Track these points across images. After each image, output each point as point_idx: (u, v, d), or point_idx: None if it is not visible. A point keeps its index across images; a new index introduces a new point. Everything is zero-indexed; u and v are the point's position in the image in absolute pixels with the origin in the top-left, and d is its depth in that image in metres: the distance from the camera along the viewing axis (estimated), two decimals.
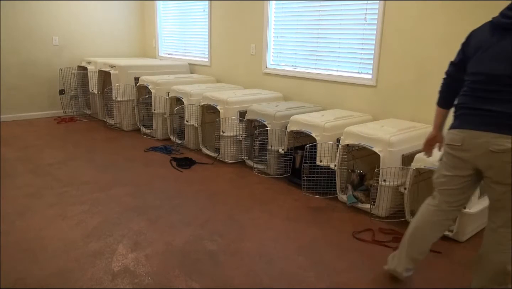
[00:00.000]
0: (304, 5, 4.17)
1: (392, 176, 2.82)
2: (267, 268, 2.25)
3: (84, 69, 5.58)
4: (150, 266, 2.23)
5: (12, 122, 5.36)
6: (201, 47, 5.61)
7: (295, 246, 2.50)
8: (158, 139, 4.76)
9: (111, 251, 2.36)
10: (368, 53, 3.71)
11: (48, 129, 5.06)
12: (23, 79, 5.44)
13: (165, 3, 6.11)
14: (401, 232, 2.71)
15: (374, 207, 2.92)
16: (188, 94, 4.25)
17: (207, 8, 5.33)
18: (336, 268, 2.28)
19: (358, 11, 3.72)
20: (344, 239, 2.60)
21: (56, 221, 2.70)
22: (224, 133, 3.92)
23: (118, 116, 5.05)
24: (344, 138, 3.07)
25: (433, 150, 2.11)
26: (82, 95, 5.81)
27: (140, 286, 2.06)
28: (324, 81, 4.09)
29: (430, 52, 3.27)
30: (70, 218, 2.76)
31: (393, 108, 3.57)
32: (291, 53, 4.43)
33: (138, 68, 5.09)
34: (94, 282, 2.07)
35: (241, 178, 3.65)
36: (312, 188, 3.34)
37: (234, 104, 3.93)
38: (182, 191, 3.28)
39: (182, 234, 2.60)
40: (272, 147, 3.61)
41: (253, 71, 4.86)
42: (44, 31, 5.50)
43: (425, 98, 3.34)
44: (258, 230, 2.68)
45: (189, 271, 2.19)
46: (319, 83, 4.15)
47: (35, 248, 2.37)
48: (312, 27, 4.15)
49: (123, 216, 2.82)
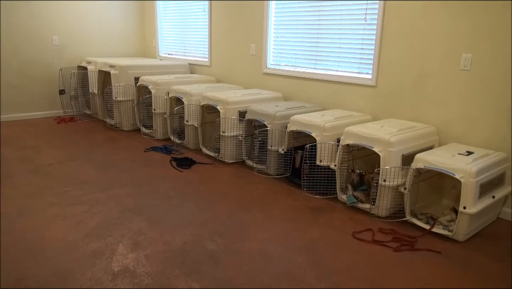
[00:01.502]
0: (304, 5, 4.17)
1: (392, 176, 2.82)
2: (267, 268, 2.25)
3: (84, 69, 5.58)
4: (150, 266, 2.23)
5: (12, 122, 5.36)
6: (201, 47, 5.61)
7: (295, 246, 2.50)
8: (158, 140, 4.76)
9: (111, 251, 2.36)
10: (368, 53, 3.71)
11: (48, 129, 5.06)
12: (23, 79, 5.44)
13: (165, 3, 6.11)
14: (401, 232, 2.71)
15: (374, 207, 2.92)
16: (188, 94, 4.25)
17: (207, 8, 5.33)
18: (336, 268, 2.28)
19: (358, 11, 3.72)
20: (344, 239, 2.60)
21: (56, 221, 2.70)
22: (224, 133, 3.92)
23: (118, 116, 5.05)
24: (344, 138, 3.07)
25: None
26: (82, 95, 5.81)
27: (140, 286, 2.06)
28: (324, 81, 4.09)
29: (430, 52, 3.27)
30: (70, 218, 2.76)
31: (393, 108, 3.57)
32: (291, 53, 4.43)
33: (138, 68, 5.09)
34: (94, 282, 2.07)
35: (241, 178, 3.65)
36: (312, 188, 3.34)
37: (234, 104, 3.93)
38: (182, 191, 3.28)
39: (182, 234, 2.60)
40: (272, 146, 3.61)
41: (253, 71, 4.86)
42: (44, 31, 5.50)
43: (425, 98, 3.34)
44: (258, 230, 2.68)
45: (189, 271, 2.19)
46: (319, 83, 4.15)
47: (35, 248, 2.37)
48: (312, 27, 4.15)
49: (123, 216, 2.82)
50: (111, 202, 3.03)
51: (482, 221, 2.73)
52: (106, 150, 4.29)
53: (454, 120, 3.20)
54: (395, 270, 2.27)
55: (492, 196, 2.69)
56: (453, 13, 3.09)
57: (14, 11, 5.21)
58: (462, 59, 3.08)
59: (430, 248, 2.52)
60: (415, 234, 2.69)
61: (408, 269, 2.28)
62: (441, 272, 2.27)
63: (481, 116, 3.05)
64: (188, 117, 4.28)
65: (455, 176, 2.54)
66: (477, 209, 2.53)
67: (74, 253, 2.33)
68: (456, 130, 3.20)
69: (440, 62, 3.22)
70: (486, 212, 2.72)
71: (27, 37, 5.37)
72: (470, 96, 3.09)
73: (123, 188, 3.30)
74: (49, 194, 3.14)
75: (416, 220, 2.80)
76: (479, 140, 3.08)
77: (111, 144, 4.52)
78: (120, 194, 3.18)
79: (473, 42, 3.02)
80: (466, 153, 2.79)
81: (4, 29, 5.17)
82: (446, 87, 3.21)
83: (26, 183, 3.34)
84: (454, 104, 3.18)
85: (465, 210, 2.51)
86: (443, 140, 3.27)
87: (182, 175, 3.65)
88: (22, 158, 3.95)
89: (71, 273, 2.14)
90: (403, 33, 3.41)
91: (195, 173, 3.73)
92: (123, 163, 3.90)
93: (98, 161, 3.93)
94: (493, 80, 2.95)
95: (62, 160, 3.92)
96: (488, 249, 2.54)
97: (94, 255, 2.31)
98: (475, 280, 2.20)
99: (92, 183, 3.38)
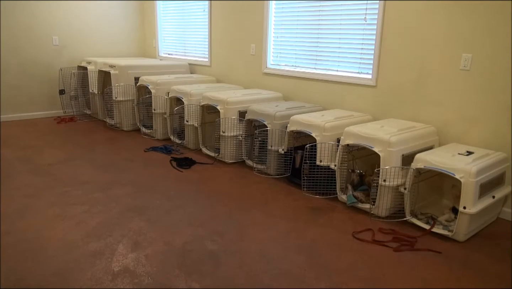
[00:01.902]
0: (304, 5, 4.17)
1: (392, 176, 2.82)
2: (267, 268, 2.25)
3: (84, 69, 5.58)
4: (150, 266, 2.23)
5: (12, 122, 5.36)
6: (201, 47, 5.61)
7: (295, 246, 2.50)
8: (158, 139, 4.76)
9: (111, 251, 2.36)
10: (368, 53, 3.71)
11: (48, 129, 5.06)
12: (23, 79, 5.44)
13: (165, 3, 6.11)
14: (401, 232, 2.71)
15: (374, 207, 2.92)
16: (188, 94, 4.25)
17: (207, 8, 5.33)
18: (336, 268, 2.28)
19: (358, 11, 3.72)
20: (344, 239, 2.60)
21: (56, 221, 2.70)
22: (224, 133, 3.92)
23: (118, 116, 5.05)
24: (344, 138, 3.07)
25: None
26: (82, 95, 5.81)
27: (140, 286, 2.06)
28: (324, 81, 4.09)
29: (430, 52, 3.27)
30: (70, 218, 2.76)
31: (393, 108, 3.57)
32: (291, 53, 4.43)
33: (138, 68, 5.09)
34: (94, 282, 2.07)
35: (241, 178, 3.65)
36: (312, 188, 3.34)
37: (234, 104, 3.93)
38: (182, 191, 3.28)
39: (182, 234, 2.60)
40: (272, 146, 3.61)
41: (253, 71, 4.86)
42: (44, 31, 5.50)
43: (425, 98, 3.34)
44: (258, 230, 2.68)
45: (189, 271, 2.19)
46: (319, 83, 4.15)
47: (35, 248, 2.37)
48: (312, 27, 4.15)
49: (123, 216, 2.82)
50: (111, 202, 3.03)
51: (482, 221, 2.73)
52: (106, 150, 4.29)
53: (454, 120, 3.20)
54: (395, 270, 2.27)
55: (492, 196, 2.69)
56: (453, 13, 3.09)
57: (14, 11, 5.21)
58: (462, 59, 3.08)
59: (430, 248, 2.52)
60: (415, 234, 2.69)
61: (408, 269, 2.28)
62: (441, 272, 2.27)
63: (481, 116, 3.05)
64: (188, 117, 4.28)
65: (455, 176, 2.54)
66: (477, 209, 2.53)
67: (74, 253, 2.33)
68: (456, 130, 3.20)
69: (440, 62, 3.22)
70: (486, 212, 2.72)
71: (27, 37, 5.37)
72: (470, 96, 3.09)
73: (123, 188, 3.30)
74: (49, 194, 3.14)
75: (416, 220, 2.80)
76: (479, 140, 3.08)
77: (111, 144, 4.52)
78: (120, 194, 3.18)
79: (473, 42, 3.02)
80: (466, 153, 2.79)
81: (4, 29, 5.17)
82: (446, 87, 3.21)
83: (26, 183, 3.34)
84: (454, 104, 3.18)
85: (465, 210, 2.51)
86: (443, 140, 3.27)
87: (182, 175, 3.65)
88: (22, 158, 3.95)
89: (71, 273, 2.14)
90: (403, 33, 3.41)
91: (195, 173, 3.73)
92: (123, 163, 3.90)
93: (98, 161, 3.93)
94: (493, 80, 2.95)
95: (62, 160, 3.92)
96: (488, 249, 2.54)
97: (94, 255, 2.31)
98: (475, 280, 2.21)
99: (92, 183, 3.38)
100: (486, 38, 2.95)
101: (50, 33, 5.56)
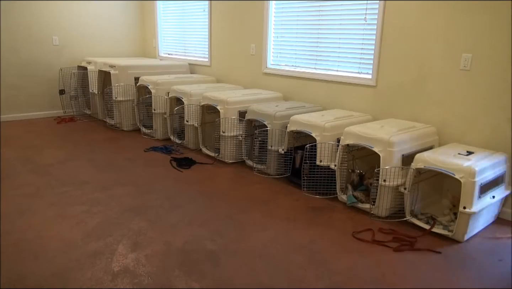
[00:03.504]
0: (304, 5, 4.17)
1: (392, 176, 2.82)
2: (267, 268, 2.25)
3: (84, 69, 5.58)
4: (150, 266, 2.23)
5: (12, 122, 5.36)
6: (201, 47, 5.61)
7: (295, 246, 2.50)
8: (158, 139, 4.76)
9: (111, 251, 2.36)
10: (368, 53, 3.71)
11: (48, 130, 5.06)
12: (23, 79, 5.44)
13: (165, 3, 6.11)
14: (401, 232, 2.71)
15: (374, 207, 2.92)
16: (188, 94, 4.25)
17: (207, 8, 5.33)
18: (336, 268, 2.28)
19: (358, 11, 3.72)
20: (344, 239, 2.60)
21: (56, 221, 2.70)
22: (224, 133, 3.92)
23: (118, 116, 5.05)
24: (344, 138, 3.07)
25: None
26: (82, 95, 5.81)
27: (140, 286, 2.06)
28: (324, 81, 4.09)
29: (430, 52, 3.27)
30: (70, 218, 2.76)
31: (393, 108, 3.57)
32: (291, 53, 4.43)
33: (138, 68, 5.09)
34: (94, 282, 2.07)
35: (241, 178, 3.65)
36: (312, 188, 3.34)
37: (234, 104, 3.93)
38: (182, 191, 3.28)
39: (182, 234, 2.60)
40: (272, 147, 3.61)
41: (253, 71, 4.86)
42: (44, 31, 5.50)
43: (425, 98, 3.34)
44: (258, 230, 2.68)
45: (189, 271, 2.19)
46: (319, 83, 4.15)
47: (35, 248, 2.37)
48: (312, 27, 4.15)
49: (123, 216, 2.82)
50: (111, 202, 3.03)
51: (482, 221, 2.74)
52: (106, 150, 4.29)
53: (454, 120, 3.20)
54: (395, 270, 2.27)
55: (492, 196, 2.69)
56: (453, 13, 3.09)
57: (14, 11, 5.21)
58: (462, 59, 3.08)
59: (430, 248, 2.52)
60: (415, 234, 2.69)
61: (408, 269, 2.28)
62: (441, 272, 2.27)
63: (481, 116, 3.05)
64: (188, 117, 4.28)
65: (455, 176, 2.54)
66: (477, 209, 2.53)
67: (74, 253, 2.33)
68: (456, 130, 3.20)
69: (440, 62, 3.22)
70: (486, 212, 2.72)
71: (27, 37, 5.37)
72: (470, 96, 3.09)
73: (123, 188, 3.30)
74: (49, 194, 3.14)
75: (416, 220, 2.80)
76: (479, 140, 3.08)
77: (111, 144, 4.52)
78: (120, 194, 3.18)
79: (473, 42, 3.02)
80: (466, 153, 2.79)
81: (4, 29, 5.17)
82: (446, 87, 3.21)
83: (26, 183, 3.34)
84: (454, 104, 3.18)
85: (465, 210, 2.51)
86: (443, 140, 3.27)
87: (182, 175, 3.65)
88: (22, 158, 3.95)
89: (71, 273, 2.14)
90: (403, 33, 3.41)
91: (195, 173, 3.73)
92: (123, 163, 3.90)
93: (98, 161, 3.93)
94: (493, 80, 2.95)
95: (62, 160, 3.92)
96: (488, 249, 2.54)
97: (94, 255, 2.31)
98: (475, 280, 2.20)
99: (92, 183, 3.38)
100: (486, 38, 2.95)
101: (50, 33, 5.56)
